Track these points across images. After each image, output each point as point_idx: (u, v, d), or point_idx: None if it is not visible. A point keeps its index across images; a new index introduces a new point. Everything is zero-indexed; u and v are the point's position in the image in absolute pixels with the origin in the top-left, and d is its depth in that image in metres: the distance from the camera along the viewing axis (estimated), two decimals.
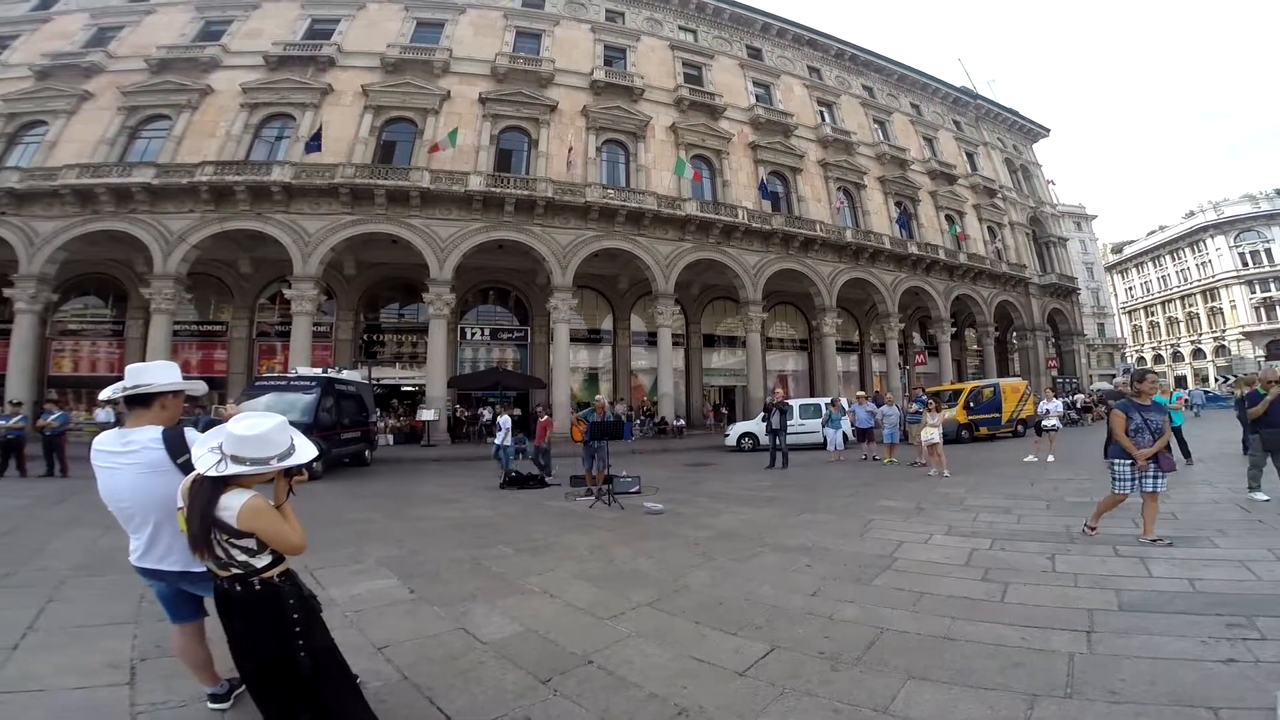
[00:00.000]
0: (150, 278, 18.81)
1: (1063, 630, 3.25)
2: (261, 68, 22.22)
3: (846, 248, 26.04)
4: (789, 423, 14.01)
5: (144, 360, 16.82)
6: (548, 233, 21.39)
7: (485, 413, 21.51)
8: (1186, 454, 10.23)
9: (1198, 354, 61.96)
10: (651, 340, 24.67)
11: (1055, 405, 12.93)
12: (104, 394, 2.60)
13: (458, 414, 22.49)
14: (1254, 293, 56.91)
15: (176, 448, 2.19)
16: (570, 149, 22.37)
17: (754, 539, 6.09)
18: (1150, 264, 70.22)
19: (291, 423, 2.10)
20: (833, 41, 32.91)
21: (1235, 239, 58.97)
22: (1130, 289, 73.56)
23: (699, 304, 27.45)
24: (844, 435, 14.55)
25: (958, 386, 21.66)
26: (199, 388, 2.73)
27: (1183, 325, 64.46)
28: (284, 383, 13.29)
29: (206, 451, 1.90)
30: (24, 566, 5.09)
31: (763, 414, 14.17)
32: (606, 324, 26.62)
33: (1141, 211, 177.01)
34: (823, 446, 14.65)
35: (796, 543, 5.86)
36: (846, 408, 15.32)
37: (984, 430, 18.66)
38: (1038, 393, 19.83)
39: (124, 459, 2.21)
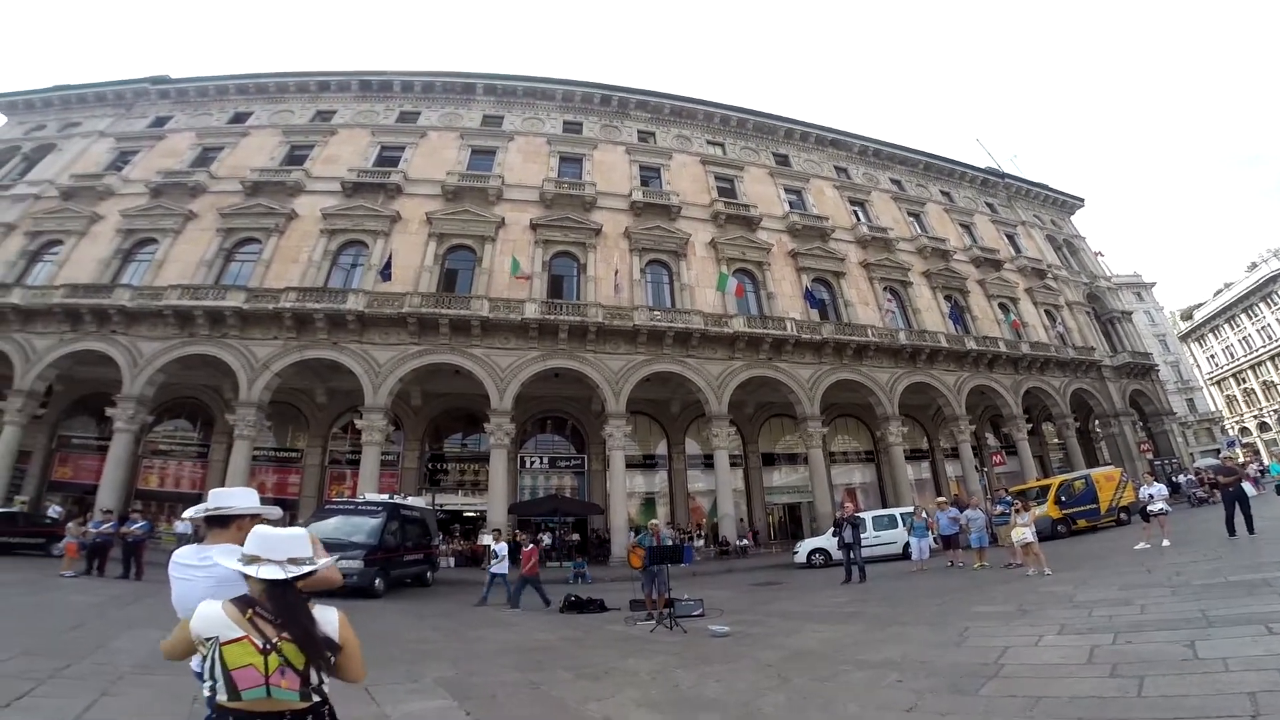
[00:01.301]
0: (236, 404, 19.73)
1: (1223, 718, 2.99)
2: (339, 194, 24.13)
3: (902, 350, 25.22)
4: (862, 535, 13.91)
5: (224, 482, 16.53)
6: (599, 358, 21.71)
7: (486, 538, 21.26)
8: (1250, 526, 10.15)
9: None
10: (708, 462, 24.09)
11: (1159, 489, 12.52)
12: (188, 513, 2.81)
13: (517, 538, 22.24)
14: None
15: None
16: (616, 272, 23.08)
17: (834, 657, 5.63)
18: (1226, 326, 64.85)
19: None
20: (854, 139, 34.10)
21: None
22: (1212, 356, 67.65)
23: (754, 423, 26.86)
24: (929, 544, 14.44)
25: (1045, 482, 20.80)
26: (274, 513, 2.85)
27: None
28: (352, 507, 14.17)
29: (241, 563, 1.83)
30: (84, 660, 5.21)
31: (833, 529, 14.21)
32: (661, 448, 26.29)
33: (1198, 269, 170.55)
34: (900, 558, 14.77)
35: (883, 657, 5.39)
36: (928, 515, 15.06)
37: (1083, 523, 18.05)
38: (1135, 478, 19.54)
39: (199, 572, 2.33)
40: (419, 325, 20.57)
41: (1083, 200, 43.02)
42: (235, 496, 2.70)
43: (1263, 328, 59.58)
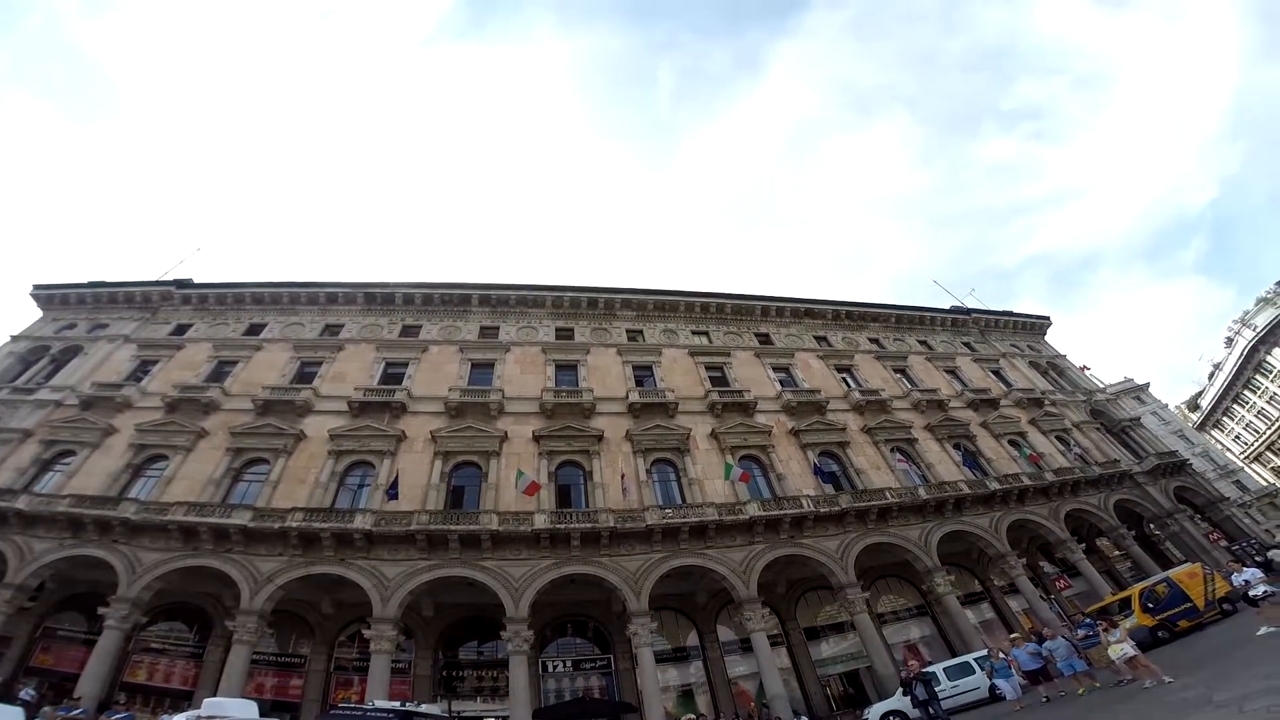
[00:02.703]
0: (236, 612, 18.77)
1: None
2: (346, 413, 24.81)
3: (926, 505, 24.69)
4: (937, 689, 13.72)
5: (219, 682, 15.77)
6: (615, 561, 21.00)
7: None
8: None
9: None
10: (746, 646, 22.28)
11: (1252, 572, 12.68)
12: (178, 718, 2.54)
13: None
14: None
15: None
16: (623, 475, 23.23)
17: None
18: (1236, 405, 65.90)
19: None
20: (827, 305, 36.81)
21: None
22: (1237, 437, 67.66)
23: (789, 600, 25.19)
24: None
25: (1123, 595, 20.43)
26: None
27: None
28: (360, 713, 13.33)
29: None
30: None
31: (901, 690, 14.30)
32: (691, 639, 24.26)
33: (1178, 355, 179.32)
34: (985, 702, 15.08)
35: None
36: (1005, 655, 15.01)
37: (1185, 623, 17.41)
38: (1220, 568, 19.52)
39: None
40: (428, 541, 20.26)
41: (1049, 319, 45.22)
42: (230, 707, 2.66)
43: (1271, 398, 60.53)
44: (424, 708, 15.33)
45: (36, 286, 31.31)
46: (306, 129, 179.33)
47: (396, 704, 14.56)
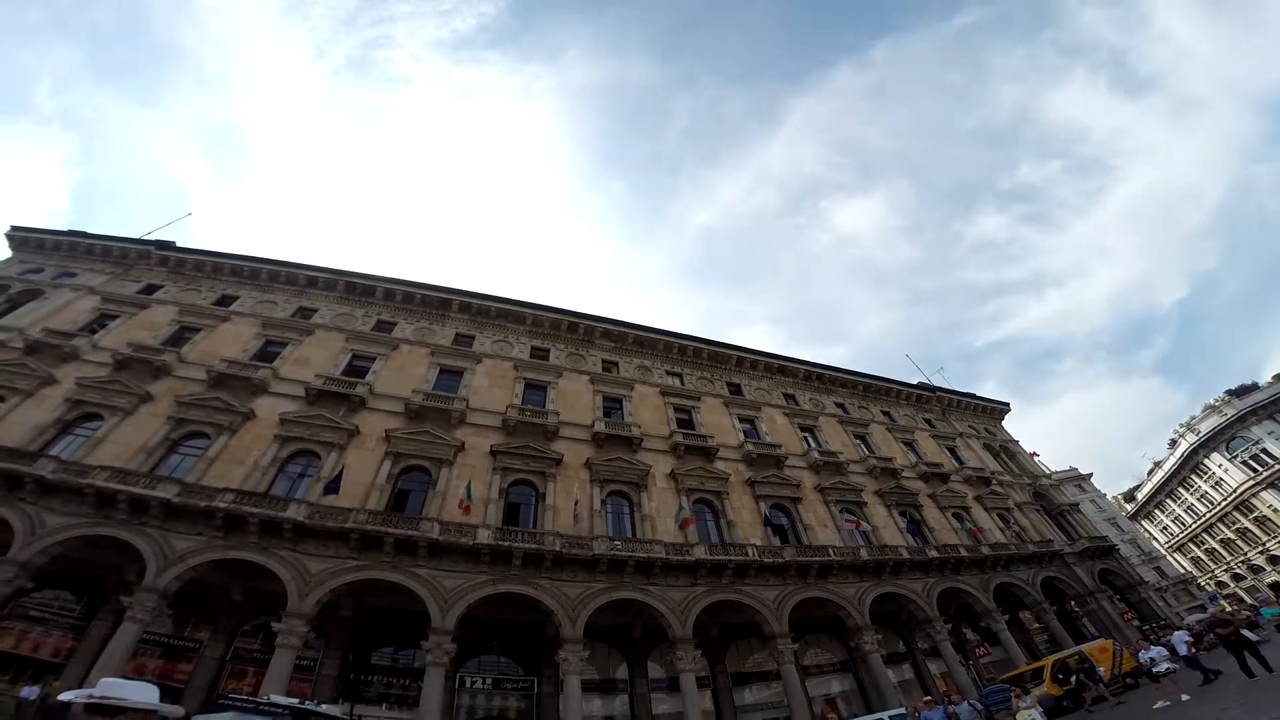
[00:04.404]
0: (136, 588, 17.44)
1: None
2: (301, 399, 24.00)
3: (865, 566, 25.32)
4: None
5: (96, 658, 15.03)
6: (556, 585, 20.79)
7: None
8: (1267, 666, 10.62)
9: (1274, 560, 57.68)
10: (673, 685, 21.98)
11: (1158, 650, 13.34)
12: (67, 694, 2.36)
13: None
14: None
15: None
16: (576, 502, 23.24)
17: None
18: (1169, 500, 70.12)
19: None
20: (800, 365, 37.88)
21: (1229, 450, 59.78)
22: (1165, 528, 72.45)
23: (720, 645, 25.18)
24: None
25: (1037, 665, 21.40)
26: (175, 711, 2.25)
27: (1239, 541, 61.37)
28: (253, 705, 12.43)
29: None
30: None
31: None
32: (621, 672, 23.88)
33: (1124, 451, 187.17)
34: None
35: None
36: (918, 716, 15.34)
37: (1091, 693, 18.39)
38: (1129, 646, 21.61)
39: None
40: (362, 541, 19.64)
41: (1008, 405, 47.40)
42: (131, 690, 2.75)
43: (1202, 496, 64.53)
44: (324, 708, 14.65)
45: (14, 228, 30.34)
46: (314, 115, 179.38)
47: (294, 700, 13.87)
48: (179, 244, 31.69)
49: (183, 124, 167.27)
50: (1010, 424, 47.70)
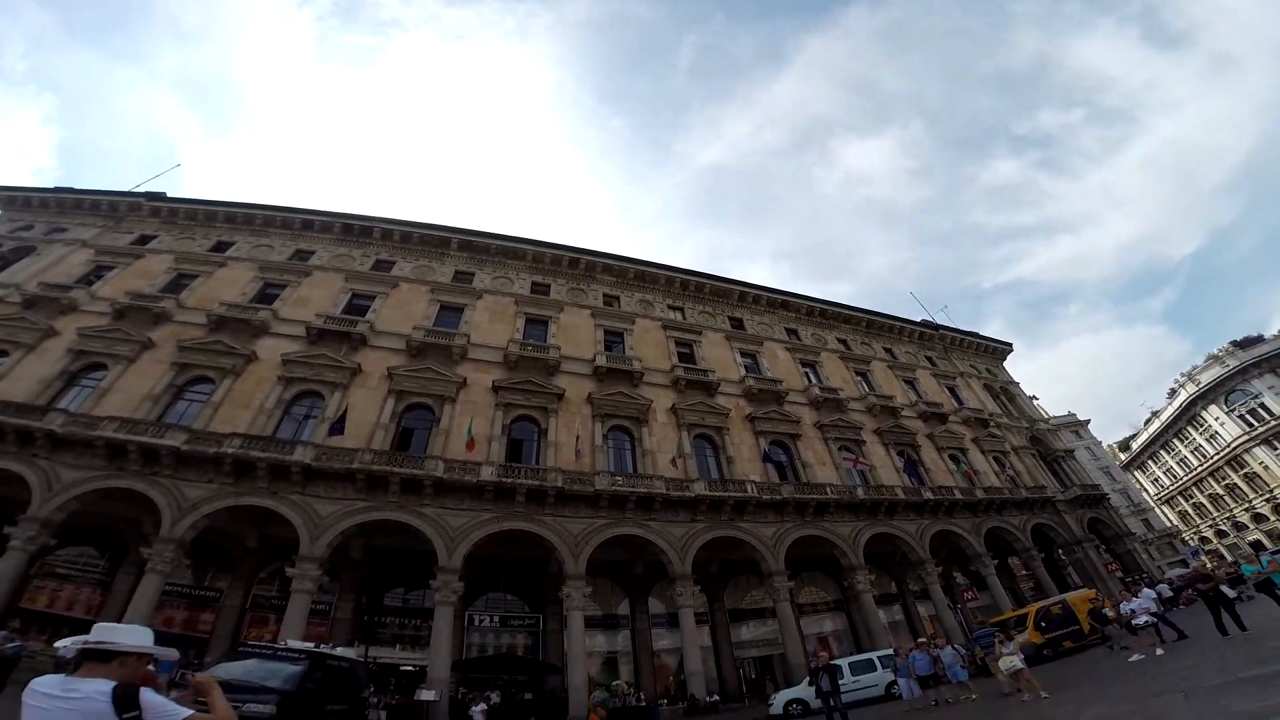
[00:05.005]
0: (154, 539, 17.88)
1: None
2: (302, 339, 24.01)
3: (862, 505, 25.64)
4: (840, 682, 14.41)
5: (124, 611, 15.19)
6: (559, 522, 21.08)
7: (425, 694, 18.35)
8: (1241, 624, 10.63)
9: (1258, 518, 58.19)
10: (673, 621, 22.79)
11: (1139, 602, 13.13)
12: (63, 642, 2.70)
13: (461, 696, 19.95)
14: (1276, 449, 55.20)
15: (125, 704, 2.26)
16: (578, 437, 23.24)
17: None
18: (1163, 451, 70.22)
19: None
20: (802, 300, 37.14)
21: (1227, 403, 59.28)
22: (1156, 479, 72.74)
23: (719, 580, 25.96)
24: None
25: (1021, 611, 21.52)
26: (170, 654, 2.65)
27: (1226, 497, 61.85)
28: (270, 651, 12.78)
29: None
30: None
31: (808, 678, 14.90)
32: (623, 609, 24.83)
33: (1124, 399, 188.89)
34: (882, 699, 16.24)
35: None
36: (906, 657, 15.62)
37: (1069, 644, 18.71)
38: (1111, 597, 21.06)
39: (62, 703, 2.23)
40: (368, 482, 19.79)
41: (1011, 345, 46.95)
42: (121, 633, 2.60)
43: (1195, 449, 64.56)
44: (339, 651, 14.96)
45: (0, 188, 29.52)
46: (303, 62, 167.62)
47: (310, 645, 14.16)
48: (170, 195, 30.90)
49: (165, 78, 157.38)
50: (1012, 365, 47.45)
